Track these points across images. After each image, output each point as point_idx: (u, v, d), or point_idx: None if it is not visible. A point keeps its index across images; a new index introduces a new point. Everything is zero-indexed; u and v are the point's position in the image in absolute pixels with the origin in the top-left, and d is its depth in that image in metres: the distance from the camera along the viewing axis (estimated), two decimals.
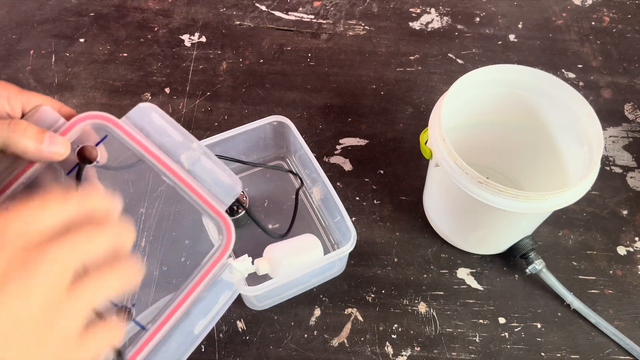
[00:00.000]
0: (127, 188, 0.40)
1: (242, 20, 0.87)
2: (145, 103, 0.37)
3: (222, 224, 0.35)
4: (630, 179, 0.71)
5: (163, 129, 0.37)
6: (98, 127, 0.36)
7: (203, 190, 0.36)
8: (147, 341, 0.33)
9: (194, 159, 0.36)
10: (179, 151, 0.36)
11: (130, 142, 0.36)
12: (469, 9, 0.89)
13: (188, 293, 0.34)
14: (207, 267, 0.34)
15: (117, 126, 0.36)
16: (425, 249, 0.65)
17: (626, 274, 0.64)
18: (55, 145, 0.32)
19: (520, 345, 0.59)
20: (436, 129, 0.54)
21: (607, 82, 0.80)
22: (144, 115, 0.37)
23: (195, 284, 0.34)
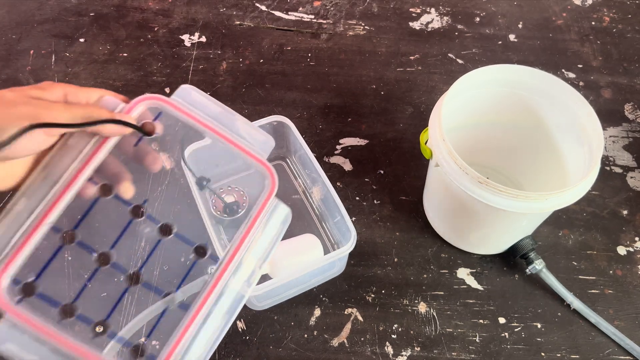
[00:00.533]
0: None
1: (242, 20, 0.87)
2: (185, 85, 0.44)
3: (265, 170, 0.43)
4: (631, 179, 0.71)
5: (204, 103, 0.45)
6: (152, 107, 0.43)
7: (246, 146, 0.44)
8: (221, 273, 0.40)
9: (233, 123, 0.44)
10: (219, 118, 0.44)
11: (181, 114, 0.43)
12: (469, 9, 0.89)
13: (247, 230, 0.42)
14: (260, 207, 0.43)
15: (169, 104, 0.43)
16: (425, 248, 0.65)
17: (626, 274, 0.64)
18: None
19: (521, 345, 0.59)
20: (436, 129, 0.54)
21: (607, 82, 0.80)
22: (187, 93, 0.44)
23: (254, 219, 0.42)
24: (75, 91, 0.40)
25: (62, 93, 0.40)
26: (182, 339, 0.37)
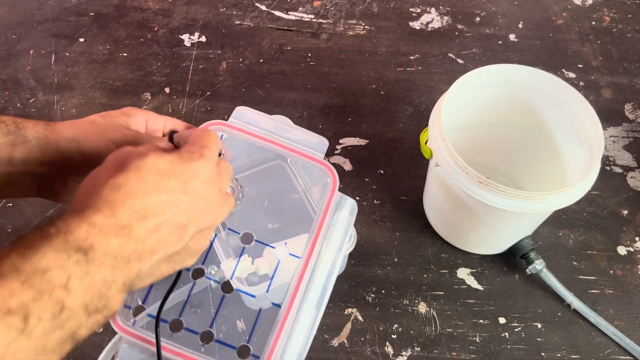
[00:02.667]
0: None
1: (242, 20, 0.87)
2: (240, 107, 0.48)
3: (325, 168, 0.47)
4: (631, 179, 0.71)
5: (258, 119, 0.48)
6: (217, 130, 0.46)
7: (304, 149, 0.47)
8: (304, 269, 0.43)
9: (289, 132, 0.48)
10: (275, 130, 0.48)
11: (241, 134, 0.47)
12: (469, 8, 0.89)
13: (320, 224, 0.45)
14: (327, 203, 0.46)
15: (230, 126, 0.47)
16: (425, 248, 0.65)
17: (626, 274, 0.64)
18: None
19: (521, 345, 0.59)
20: (436, 129, 0.54)
21: (608, 82, 0.80)
22: (242, 114, 0.48)
23: (323, 216, 0.46)
24: (154, 118, 0.44)
25: (144, 119, 0.44)
26: (280, 337, 0.39)
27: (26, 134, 0.39)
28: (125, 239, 0.29)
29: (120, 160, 0.32)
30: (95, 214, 0.29)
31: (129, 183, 0.30)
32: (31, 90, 0.79)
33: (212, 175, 0.34)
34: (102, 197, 0.30)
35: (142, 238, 0.30)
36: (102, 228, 0.28)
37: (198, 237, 0.34)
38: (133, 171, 0.31)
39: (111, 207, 0.29)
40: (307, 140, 0.49)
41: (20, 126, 0.39)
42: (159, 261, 0.31)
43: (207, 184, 0.33)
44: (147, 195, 0.30)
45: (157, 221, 0.31)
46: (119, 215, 0.29)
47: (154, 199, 0.31)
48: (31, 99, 0.78)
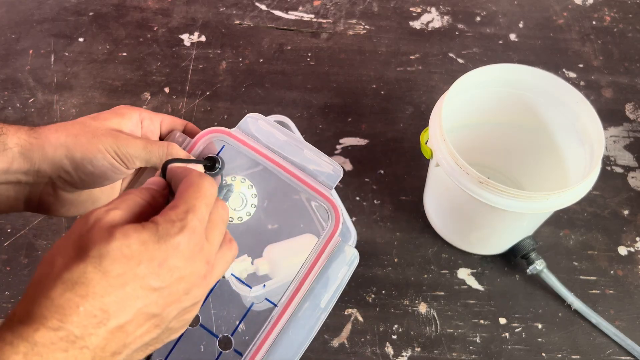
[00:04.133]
0: None
1: (241, 20, 0.87)
2: (251, 113, 0.43)
3: (329, 206, 0.42)
4: (632, 179, 0.71)
5: (269, 132, 0.43)
6: (217, 139, 0.43)
7: (310, 179, 0.42)
8: (280, 315, 0.38)
9: (299, 153, 0.42)
10: (285, 147, 0.43)
11: (243, 147, 0.43)
12: (470, 8, 0.89)
13: (309, 270, 0.40)
14: (322, 246, 0.40)
15: (231, 136, 0.42)
16: (425, 249, 0.65)
17: (627, 274, 0.64)
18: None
19: (521, 345, 0.59)
20: (437, 129, 0.53)
21: (608, 81, 0.80)
22: (252, 123, 0.43)
23: (314, 262, 0.40)
24: (150, 117, 0.41)
25: (138, 120, 0.41)
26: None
27: (6, 140, 0.35)
28: (78, 352, 0.25)
29: (82, 238, 0.27)
30: (37, 331, 0.24)
31: (86, 279, 0.25)
32: (30, 90, 0.79)
33: (196, 248, 0.29)
34: (51, 300, 0.25)
35: (101, 346, 0.26)
36: (46, 345, 0.24)
37: (180, 316, 0.30)
38: (92, 262, 0.26)
39: (61, 315, 0.25)
40: (319, 165, 0.43)
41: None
42: (130, 354, 0.28)
43: (189, 260, 0.29)
44: (108, 294, 0.26)
45: (121, 321, 0.26)
46: (69, 325, 0.25)
47: (117, 295, 0.26)
48: (30, 98, 0.78)
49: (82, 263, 0.26)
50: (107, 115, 0.39)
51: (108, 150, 0.37)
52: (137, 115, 0.41)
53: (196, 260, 0.29)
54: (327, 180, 0.42)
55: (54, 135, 0.37)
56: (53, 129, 0.37)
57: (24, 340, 0.24)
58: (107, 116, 0.39)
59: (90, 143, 0.37)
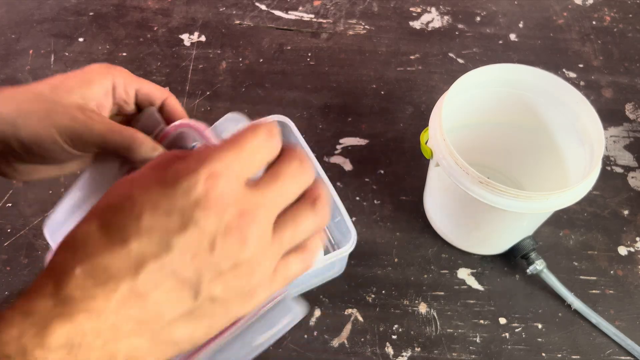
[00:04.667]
0: None
1: (241, 20, 0.87)
2: (232, 113, 0.36)
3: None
4: (632, 179, 0.71)
5: None
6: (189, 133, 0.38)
7: None
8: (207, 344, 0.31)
9: None
10: None
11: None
12: (470, 8, 0.89)
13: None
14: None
15: (202, 136, 0.36)
16: (425, 249, 0.65)
17: (627, 274, 0.64)
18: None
19: (521, 345, 0.59)
20: (437, 129, 0.53)
21: (608, 81, 0.80)
22: (230, 125, 0.36)
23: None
24: (124, 84, 0.36)
25: (109, 87, 0.36)
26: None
27: None
28: (84, 316, 0.21)
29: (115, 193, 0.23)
30: (31, 300, 0.21)
31: (88, 232, 0.22)
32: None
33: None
34: (53, 261, 0.22)
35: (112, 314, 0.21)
36: (42, 314, 0.21)
37: (228, 279, 0.23)
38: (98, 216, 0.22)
39: (55, 279, 0.21)
40: None
41: None
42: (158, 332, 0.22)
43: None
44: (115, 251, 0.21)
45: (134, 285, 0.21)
46: (65, 290, 0.21)
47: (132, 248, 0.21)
48: None
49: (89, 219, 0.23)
50: (72, 83, 0.35)
51: (61, 134, 0.32)
52: (109, 83, 0.36)
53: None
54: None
55: (6, 108, 0.32)
56: (6, 96, 0.33)
57: (17, 311, 0.21)
58: (72, 85, 0.35)
59: (41, 123, 0.32)
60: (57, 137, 0.32)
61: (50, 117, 0.32)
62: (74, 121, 0.33)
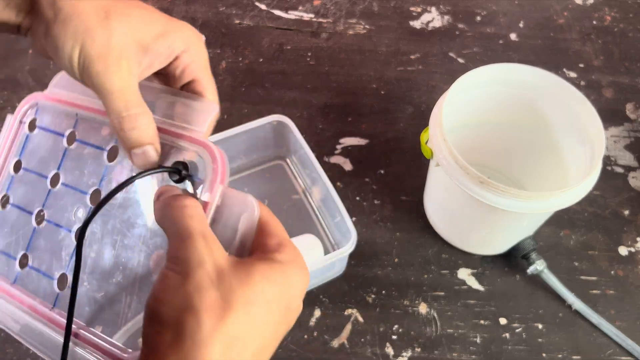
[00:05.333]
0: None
1: (241, 20, 0.87)
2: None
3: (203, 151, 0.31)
4: (632, 179, 0.71)
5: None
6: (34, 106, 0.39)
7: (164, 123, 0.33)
8: None
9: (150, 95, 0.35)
10: None
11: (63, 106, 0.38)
12: (470, 7, 0.89)
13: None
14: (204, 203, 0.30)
15: (46, 97, 0.38)
16: (425, 249, 0.65)
17: (628, 274, 0.63)
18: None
19: (522, 346, 0.59)
20: (437, 129, 0.53)
21: (609, 81, 0.80)
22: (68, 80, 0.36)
23: None
24: (192, 62, 0.34)
25: (181, 50, 0.33)
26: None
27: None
28: None
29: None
30: None
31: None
32: (30, 90, 0.79)
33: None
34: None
35: None
36: None
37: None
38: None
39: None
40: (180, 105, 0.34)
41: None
42: None
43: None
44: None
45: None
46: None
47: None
48: None
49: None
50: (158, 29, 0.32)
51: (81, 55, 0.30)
52: (182, 48, 0.33)
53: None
54: (193, 119, 0.33)
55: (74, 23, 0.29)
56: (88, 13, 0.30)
57: None
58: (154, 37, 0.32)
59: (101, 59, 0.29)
60: (75, 52, 0.30)
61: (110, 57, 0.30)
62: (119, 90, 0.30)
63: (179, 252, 0.27)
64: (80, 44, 0.29)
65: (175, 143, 0.32)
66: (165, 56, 0.33)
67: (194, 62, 0.34)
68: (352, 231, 0.55)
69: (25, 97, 0.40)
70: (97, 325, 0.34)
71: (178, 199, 0.29)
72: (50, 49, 0.31)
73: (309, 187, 0.68)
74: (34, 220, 0.38)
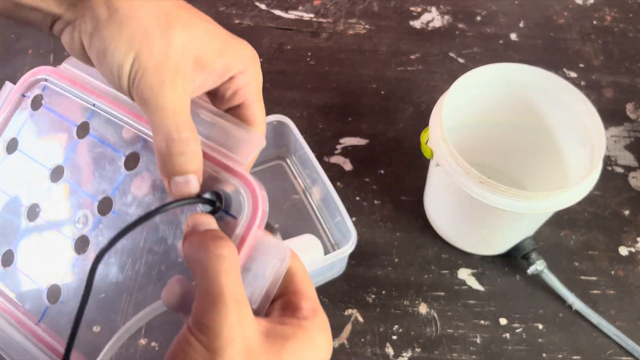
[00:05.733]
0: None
1: (241, 19, 0.87)
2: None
3: (242, 186, 0.28)
4: (632, 179, 0.71)
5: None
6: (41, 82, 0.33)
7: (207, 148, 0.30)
8: None
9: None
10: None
11: (77, 90, 0.32)
12: (470, 7, 0.89)
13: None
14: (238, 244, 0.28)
15: (59, 75, 0.33)
16: (426, 249, 0.65)
17: (628, 274, 0.63)
18: None
19: (522, 346, 0.59)
20: (437, 129, 0.53)
21: (609, 81, 0.80)
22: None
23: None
24: (245, 85, 0.31)
25: (237, 72, 0.30)
26: None
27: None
28: None
29: None
30: None
31: None
32: None
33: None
34: None
35: None
36: None
37: None
38: None
39: None
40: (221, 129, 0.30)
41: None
42: None
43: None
44: None
45: None
46: None
47: None
48: None
49: None
50: (218, 46, 0.29)
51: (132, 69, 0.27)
52: (239, 69, 0.30)
53: None
54: (236, 148, 0.30)
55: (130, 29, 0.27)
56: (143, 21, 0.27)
57: None
58: (214, 54, 0.29)
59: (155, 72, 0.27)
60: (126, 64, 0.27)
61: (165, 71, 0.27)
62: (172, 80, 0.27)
63: (207, 318, 0.25)
64: (136, 52, 0.26)
65: (214, 170, 0.29)
66: (220, 76, 0.30)
67: (249, 85, 0.31)
68: (352, 231, 0.55)
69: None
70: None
71: (215, 243, 0.26)
72: (95, 51, 0.27)
73: (309, 187, 0.68)
74: (25, 214, 0.33)
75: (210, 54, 0.29)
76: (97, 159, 0.32)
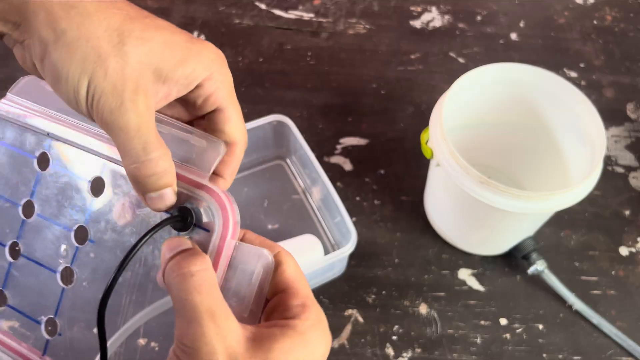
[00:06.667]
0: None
1: (241, 19, 0.87)
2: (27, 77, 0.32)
3: (210, 200, 0.28)
4: (633, 179, 0.71)
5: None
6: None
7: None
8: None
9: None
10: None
11: (29, 119, 0.31)
12: (470, 7, 0.89)
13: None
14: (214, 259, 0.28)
15: (6, 106, 0.31)
16: (426, 249, 0.65)
17: (628, 274, 0.63)
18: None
19: (522, 346, 0.59)
20: (437, 129, 0.53)
21: (610, 81, 0.80)
22: (34, 86, 0.32)
23: None
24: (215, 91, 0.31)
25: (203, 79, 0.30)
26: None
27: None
28: None
29: None
30: None
31: None
32: None
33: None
34: None
35: None
36: None
37: None
38: None
39: None
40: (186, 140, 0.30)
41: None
42: None
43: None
44: None
45: None
46: None
47: None
48: None
49: None
50: (178, 55, 0.28)
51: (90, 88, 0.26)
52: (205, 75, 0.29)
53: None
54: (198, 159, 0.29)
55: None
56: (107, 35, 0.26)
57: None
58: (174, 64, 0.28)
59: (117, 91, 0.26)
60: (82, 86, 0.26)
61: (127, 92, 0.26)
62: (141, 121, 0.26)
63: (186, 338, 0.25)
64: (90, 75, 0.25)
65: (182, 187, 0.29)
66: (184, 85, 0.29)
67: (219, 90, 0.31)
68: (352, 231, 0.55)
69: None
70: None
71: (184, 262, 0.27)
72: (49, 75, 0.26)
73: (309, 187, 0.68)
74: (7, 253, 0.33)
75: (170, 65, 0.27)
76: (64, 188, 0.32)
